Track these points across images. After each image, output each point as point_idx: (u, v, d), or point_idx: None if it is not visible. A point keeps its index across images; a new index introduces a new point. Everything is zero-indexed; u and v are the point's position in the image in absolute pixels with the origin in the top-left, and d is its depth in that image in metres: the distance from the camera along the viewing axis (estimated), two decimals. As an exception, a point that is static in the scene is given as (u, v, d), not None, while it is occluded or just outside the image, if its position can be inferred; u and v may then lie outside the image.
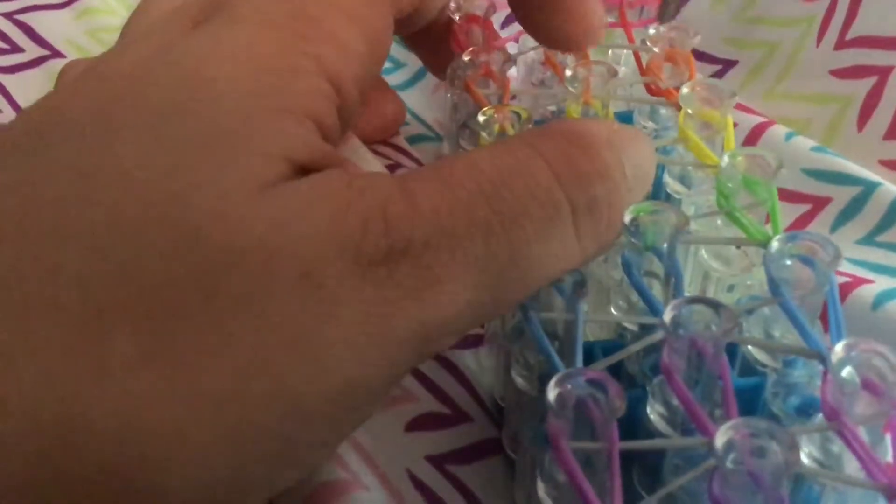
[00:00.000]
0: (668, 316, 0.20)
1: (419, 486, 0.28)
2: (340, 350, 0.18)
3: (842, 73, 0.37)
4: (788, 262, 0.21)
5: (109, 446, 0.17)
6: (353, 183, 0.19)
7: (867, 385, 0.19)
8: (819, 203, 0.33)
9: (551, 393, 0.19)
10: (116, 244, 0.18)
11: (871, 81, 0.36)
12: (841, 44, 0.37)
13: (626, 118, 0.30)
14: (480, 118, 0.26)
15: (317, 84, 0.20)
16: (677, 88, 0.26)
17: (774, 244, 0.21)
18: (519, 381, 0.24)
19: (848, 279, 0.30)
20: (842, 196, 0.33)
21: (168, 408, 0.17)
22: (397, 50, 0.42)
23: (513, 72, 0.33)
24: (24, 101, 0.42)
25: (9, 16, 0.45)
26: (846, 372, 0.19)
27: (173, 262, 0.18)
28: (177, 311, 0.17)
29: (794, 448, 0.18)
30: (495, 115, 0.26)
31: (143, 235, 0.18)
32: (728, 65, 0.39)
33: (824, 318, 0.22)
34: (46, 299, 0.17)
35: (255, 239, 0.18)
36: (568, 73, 0.27)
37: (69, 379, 0.17)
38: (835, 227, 0.33)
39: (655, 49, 0.27)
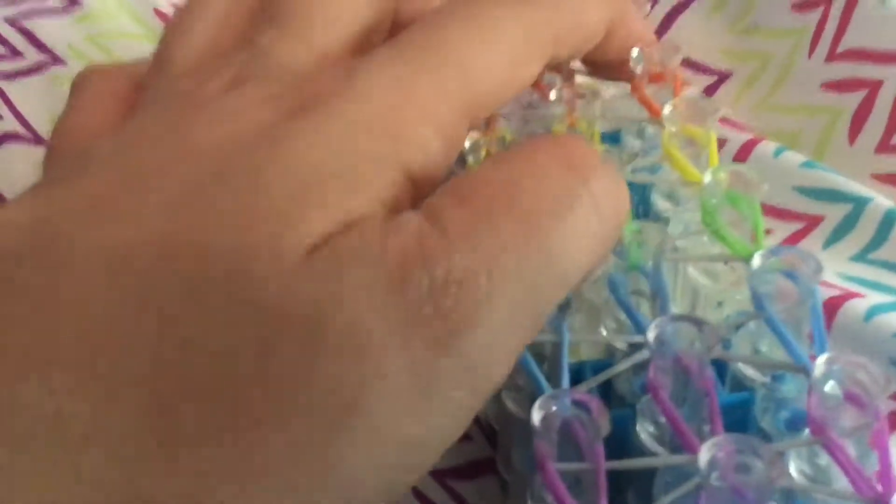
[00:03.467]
0: (651, 334, 0.20)
1: (421, 498, 0.28)
2: (391, 408, 0.18)
3: (833, 86, 0.37)
4: (771, 277, 0.21)
5: None
6: (385, 225, 0.19)
7: (850, 398, 0.19)
8: (812, 221, 0.33)
9: (536, 415, 0.19)
10: (185, 314, 0.18)
11: (861, 95, 0.36)
12: (832, 56, 0.37)
13: (613, 138, 0.30)
14: (466, 143, 0.26)
15: (396, 175, 0.20)
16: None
17: (757, 259, 0.21)
18: (509, 403, 0.24)
19: (839, 292, 0.30)
20: (834, 214, 0.33)
21: (225, 488, 0.17)
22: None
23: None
24: (25, 106, 0.41)
25: (9, 21, 0.44)
26: (829, 386, 0.19)
27: (233, 330, 0.18)
28: (235, 382, 0.17)
29: (777, 464, 0.18)
30: (481, 140, 0.26)
31: (208, 305, 0.18)
32: (723, 77, 0.40)
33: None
34: (125, 370, 0.17)
35: (304, 300, 0.18)
36: (553, 95, 0.27)
37: (138, 458, 0.17)
38: (827, 244, 0.33)
39: (638, 69, 0.28)
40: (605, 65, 0.28)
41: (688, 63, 0.40)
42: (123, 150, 0.21)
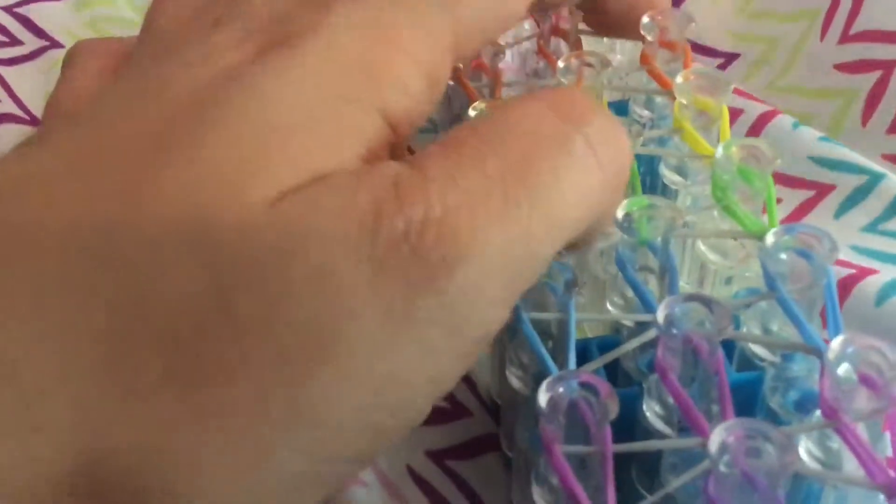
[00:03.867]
0: (661, 314, 0.20)
1: (419, 481, 0.28)
2: (364, 349, 0.17)
3: (846, 68, 0.36)
4: (784, 256, 0.21)
5: (132, 478, 0.17)
6: (358, 171, 0.18)
7: (865, 381, 0.18)
8: (823, 190, 0.33)
9: (542, 397, 0.19)
10: (143, 264, 0.17)
11: (875, 76, 0.35)
12: (845, 38, 0.37)
13: (621, 108, 0.29)
14: (472, 112, 0.26)
15: (373, 120, 0.19)
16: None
17: (770, 237, 0.21)
18: (514, 381, 0.23)
19: (853, 270, 0.29)
20: (846, 184, 0.33)
21: (190, 432, 0.17)
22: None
23: (509, 58, 0.32)
24: (24, 93, 0.42)
25: (8, 9, 0.45)
26: (843, 369, 0.18)
27: (191, 278, 0.17)
28: (196, 329, 0.17)
29: (789, 449, 0.17)
30: (487, 109, 0.26)
31: (166, 254, 0.17)
32: (730, 58, 0.39)
33: (824, 311, 0.21)
34: (82, 322, 0.17)
35: (267, 246, 0.17)
36: (561, 64, 0.26)
37: (99, 406, 0.17)
38: (839, 213, 0.32)
39: (650, 38, 0.27)
40: (611, 20, 0.27)
41: (693, 45, 0.39)
42: (100, 107, 0.21)
